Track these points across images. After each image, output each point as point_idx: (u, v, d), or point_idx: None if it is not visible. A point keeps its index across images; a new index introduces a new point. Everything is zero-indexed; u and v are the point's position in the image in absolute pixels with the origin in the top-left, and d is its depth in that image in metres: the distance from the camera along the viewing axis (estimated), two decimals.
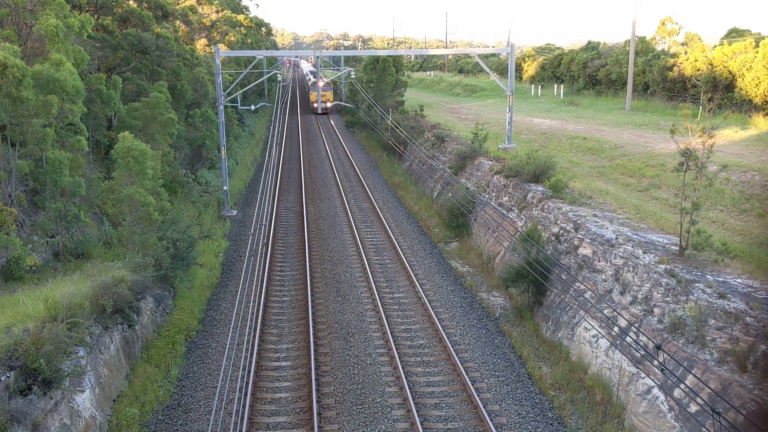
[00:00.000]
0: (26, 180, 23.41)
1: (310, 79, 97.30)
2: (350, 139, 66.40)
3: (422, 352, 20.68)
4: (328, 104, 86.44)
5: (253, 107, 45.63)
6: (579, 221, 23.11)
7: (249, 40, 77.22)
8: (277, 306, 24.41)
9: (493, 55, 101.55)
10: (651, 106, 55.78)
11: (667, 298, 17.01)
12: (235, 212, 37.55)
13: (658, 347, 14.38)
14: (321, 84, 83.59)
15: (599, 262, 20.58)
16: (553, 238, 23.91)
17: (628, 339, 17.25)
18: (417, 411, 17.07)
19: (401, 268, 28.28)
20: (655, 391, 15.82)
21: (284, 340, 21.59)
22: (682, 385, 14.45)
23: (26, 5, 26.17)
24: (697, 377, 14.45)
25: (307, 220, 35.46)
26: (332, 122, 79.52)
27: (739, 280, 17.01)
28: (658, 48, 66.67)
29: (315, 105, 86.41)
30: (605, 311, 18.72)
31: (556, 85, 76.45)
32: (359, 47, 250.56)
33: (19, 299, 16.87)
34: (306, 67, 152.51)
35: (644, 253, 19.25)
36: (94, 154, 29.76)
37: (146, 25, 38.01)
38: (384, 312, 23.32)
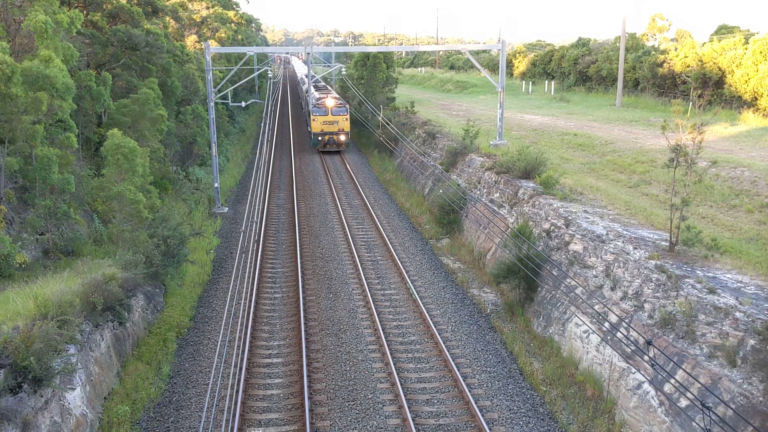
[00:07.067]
0: (15, 177, 23.26)
1: (307, 90, 55.39)
2: None
3: (414, 349, 20.70)
4: (342, 136, 55.29)
5: (243, 104, 45.42)
6: (570, 217, 23.18)
7: (239, 37, 76.95)
8: (269, 303, 24.38)
9: (484, 51, 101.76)
10: (641, 102, 56.03)
11: (658, 294, 17.09)
12: (226, 209, 37.44)
13: (649, 342, 14.45)
14: (331, 103, 54.64)
15: (590, 258, 20.66)
16: (544, 234, 23.98)
17: (618, 334, 17.33)
18: (408, 407, 17.10)
19: (392, 264, 28.29)
20: (646, 386, 15.91)
21: (276, 337, 21.57)
22: (672, 380, 14.54)
23: (14, 1, 25.98)
24: (687, 372, 14.54)
25: (298, 217, 35.41)
26: None
27: (728, 276, 17.11)
28: (649, 44, 66.98)
29: (320, 137, 55.08)
30: (596, 307, 18.80)
31: (546, 82, 76.63)
32: (350, 44, 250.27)
33: (8, 297, 16.79)
34: (299, 68, 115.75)
35: (635, 248, 19.33)
36: (83, 151, 29.60)
37: (136, 21, 37.80)
38: (375, 309, 23.33)
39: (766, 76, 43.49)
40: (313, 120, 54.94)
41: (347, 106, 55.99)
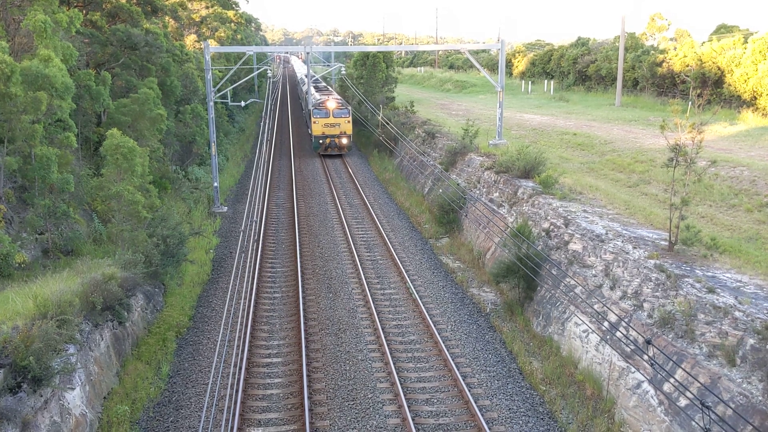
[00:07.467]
0: (15, 176, 23.25)
1: (307, 90, 49.68)
2: None
3: (413, 348, 20.70)
4: (344, 139, 53.36)
5: (243, 103, 45.40)
6: (569, 217, 23.19)
7: (239, 36, 76.93)
8: (268, 302, 24.38)
9: (483, 50, 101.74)
10: (640, 101, 56.06)
11: (657, 293, 17.10)
12: (225, 209, 37.43)
13: (648, 342, 14.46)
14: (332, 104, 52.56)
15: (589, 257, 20.66)
16: (543, 233, 23.98)
17: (618, 334, 17.34)
18: (408, 406, 17.10)
19: (392, 264, 28.29)
20: (645, 385, 15.92)
21: (275, 337, 21.57)
22: (672, 380, 14.55)
23: (14, 0, 25.98)
24: (686, 371, 14.55)
25: (297, 217, 35.41)
26: None
27: (727, 275, 17.12)
28: (648, 44, 67.03)
29: (321, 141, 53.00)
30: (595, 306, 18.81)
31: (546, 81, 76.64)
32: (349, 43, 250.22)
33: (8, 296, 16.78)
34: (299, 67, 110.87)
35: (634, 248, 19.34)
36: (83, 151, 29.60)
37: (135, 20, 37.81)
38: (375, 308, 23.33)
39: (766, 75, 43.52)
40: (314, 122, 52.53)
41: (349, 107, 53.93)
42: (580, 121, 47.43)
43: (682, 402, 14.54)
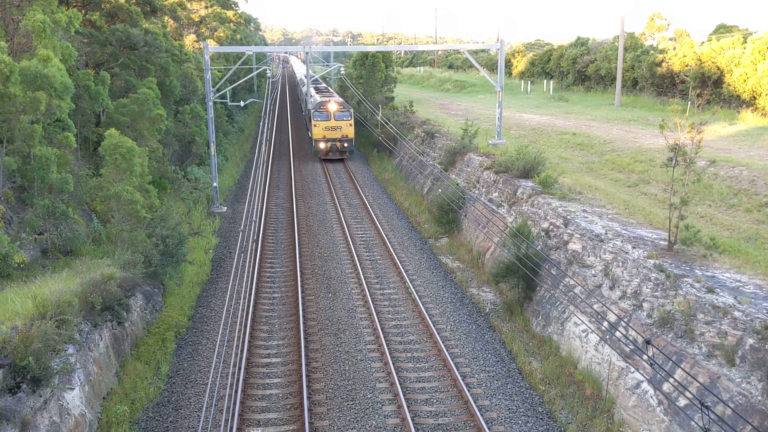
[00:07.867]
0: (14, 176, 23.23)
1: (307, 92, 50.93)
2: None
3: (413, 348, 20.70)
4: (346, 143, 51.26)
5: (242, 103, 45.39)
6: (568, 217, 23.18)
7: (238, 36, 76.88)
8: (268, 302, 24.37)
9: (482, 50, 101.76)
10: (640, 101, 56.07)
11: (656, 293, 17.10)
12: (224, 209, 37.42)
13: (648, 342, 14.46)
14: (334, 106, 50.55)
15: (589, 257, 20.66)
16: (542, 233, 23.98)
17: (617, 334, 17.34)
18: (408, 407, 17.09)
19: (391, 264, 28.28)
20: (645, 385, 15.92)
21: (275, 337, 21.56)
22: (671, 379, 14.55)
23: (13, 0, 25.96)
24: (685, 371, 14.55)
25: (297, 217, 35.40)
26: None
27: (727, 275, 17.12)
28: (647, 44, 67.04)
29: (321, 145, 50.96)
30: (595, 306, 18.80)
31: (545, 81, 76.62)
32: (349, 43, 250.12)
33: (7, 297, 16.77)
34: (298, 67, 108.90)
35: (633, 248, 19.34)
36: (82, 151, 29.58)
37: (134, 20, 37.78)
38: (374, 308, 23.32)
39: (765, 75, 43.53)
40: (314, 125, 50.41)
41: (351, 110, 51.70)
42: (579, 121, 47.43)
43: (682, 402, 14.55)
